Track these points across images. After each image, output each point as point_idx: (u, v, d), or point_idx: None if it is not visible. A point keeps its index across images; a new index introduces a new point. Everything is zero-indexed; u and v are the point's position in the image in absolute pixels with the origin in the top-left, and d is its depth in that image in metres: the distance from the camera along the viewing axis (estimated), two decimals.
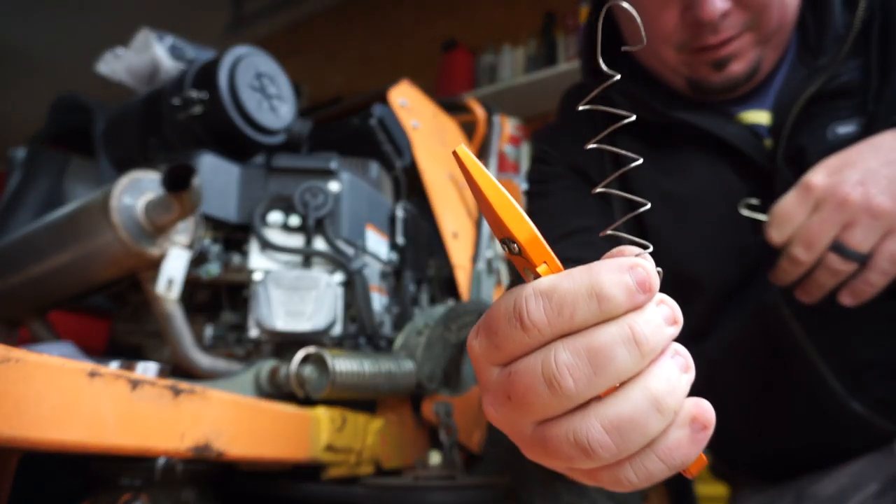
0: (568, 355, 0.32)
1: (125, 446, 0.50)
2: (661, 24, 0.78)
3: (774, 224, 0.66)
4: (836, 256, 0.62)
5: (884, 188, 0.60)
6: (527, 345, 0.33)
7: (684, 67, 0.82)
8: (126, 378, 0.51)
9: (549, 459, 0.36)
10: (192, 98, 0.97)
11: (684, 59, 0.81)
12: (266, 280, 0.93)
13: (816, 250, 0.63)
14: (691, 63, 0.81)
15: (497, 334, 0.34)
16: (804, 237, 0.63)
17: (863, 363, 0.80)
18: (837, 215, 0.61)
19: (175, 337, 0.83)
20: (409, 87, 1.41)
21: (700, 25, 0.75)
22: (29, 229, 0.90)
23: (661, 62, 0.84)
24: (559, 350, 0.32)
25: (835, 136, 0.76)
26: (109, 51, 1.14)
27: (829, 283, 0.64)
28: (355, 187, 1.04)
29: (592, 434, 0.32)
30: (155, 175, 0.82)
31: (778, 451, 0.94)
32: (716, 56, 0.78)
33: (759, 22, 0.77)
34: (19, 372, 0.42)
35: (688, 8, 0.75)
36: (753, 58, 0.80)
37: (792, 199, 0.65)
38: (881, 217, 0.60)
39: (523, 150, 3.05)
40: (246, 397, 0.68)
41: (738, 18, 0.77)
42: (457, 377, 1.05)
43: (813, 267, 0.65)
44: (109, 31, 2.85)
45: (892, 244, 0.60)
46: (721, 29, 0.76)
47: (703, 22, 0.74)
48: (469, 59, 3.31)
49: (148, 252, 0.79)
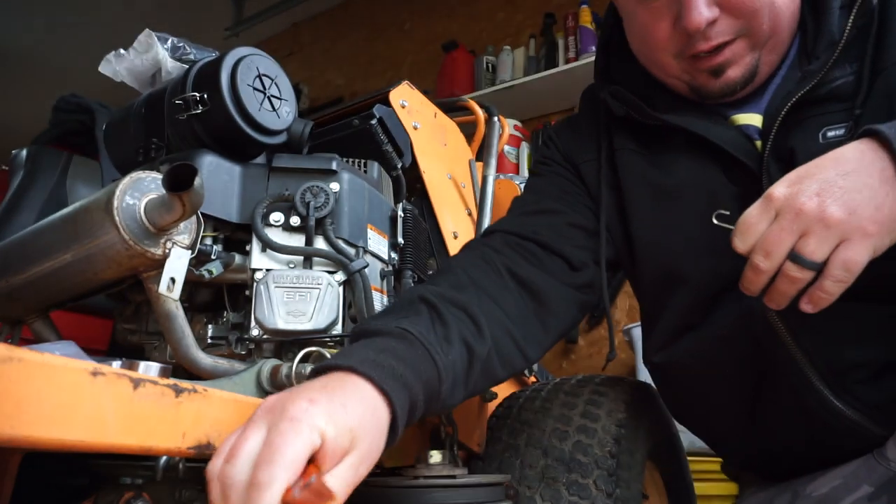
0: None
1: (127, 445, 0.51)
2: (657, 34, 0.82)
3: (738, 234, 0.69)
4: (794, 265, 0.64)
5: (838, 198, 0.62)
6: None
7: (685, 74, 0.86)
8: (128, 377, 0.51)
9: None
10: (193, 98, 0.97)
11: (683, 66, 0.84)
12: (267, 279, 0.93)
13: (775, 259, 0.65)
14: (690, 70, 0.84)
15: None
16: (764, 246, 0.66)
17: (847, 365, 0.81)
18: (794, 225, 0.63)
19: (176, 336, 0.83)
20: (410, 88, 1.41)
21: (690, 34, 0.79)
22: (31, 229, 0.90)
23: (662, 70, 0.88)
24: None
25: (826, 140, 0.79)
26: (111, 52, 1.14)
27: (790, 290, 0.66)
28: (356, 187, 1.05)
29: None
30: (157, 175, 0.83)
31: (771, 450, 0.96)
32: (712, 64, 0.82)
33: (750, 28, 0.80)
34: (21, 371, 0.43)
35: (678, 18, 0.79)
36: (750, 63, 0.83)
37: (755, 209, 0.67)
38: (834, 227, 0.62)
39: (523, 151, 3.06)
40: (247, 397, 0.68)
41: (729, 25, 0.79)
42: None
43: (775, 275, 0.67)
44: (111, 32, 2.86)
45: (844, 253, 0.62)
46: (711, 36, 0.79)
47: (691, 31, 0.78)
48: (469, 59, 3.31)
49: (150, 252, 0.79)
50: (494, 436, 1.01)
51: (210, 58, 1.07)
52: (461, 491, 0.76)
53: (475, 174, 1.57)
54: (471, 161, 1.60)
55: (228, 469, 0.50)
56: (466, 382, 0.75)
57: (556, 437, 0.95)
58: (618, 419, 0.96)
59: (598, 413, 0.97)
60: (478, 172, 1.56)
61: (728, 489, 1.92)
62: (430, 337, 0.70)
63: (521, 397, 1.06)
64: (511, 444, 0.98)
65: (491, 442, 1.00)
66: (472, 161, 1.60)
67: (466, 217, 1.49)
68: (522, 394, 1.08)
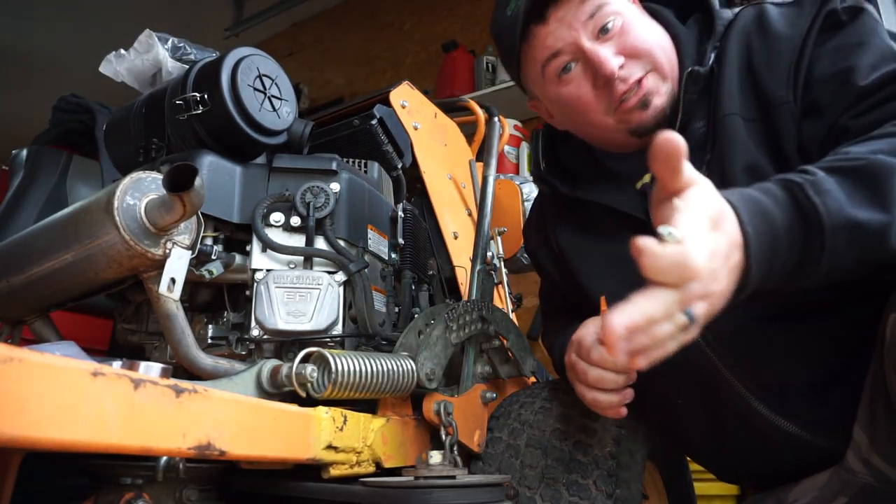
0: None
1: (127, 446, 0.51)
2: (584, 99, 0.95)
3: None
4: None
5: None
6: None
7: (621, 125, 0.96)
8: (129, 378, 0.51)
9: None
10: (193, 98, 0.97)
11: (617, 118, 0.95)
12: (267, 280, 0.93)
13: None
14: (623, 118, 0.95)
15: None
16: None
17: (779, 384, 0.89)
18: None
19: (176, 337, 0.83)
20: (410, 88, 1.41)
21: (609, 83, 0.91)
22: (32, 229, 0.90)
23: (602, 130, 0.99)
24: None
25: None
26: (112, 52, 1.14)
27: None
28: (356, 187, 1.05)
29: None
30: (157, 175, 0.83)
31: (739, 465, 1.05)
32: (638, 99, 0.92)
33: (654, 63, 0.93)
34: (22, 372, 0.43)
35: (595, 78, 0.92)
36: (667, 91, 0.94)
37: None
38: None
39: (523, 151, 3.06)
40: (247, 397, 0.68)
41: (636, 66, 0.92)
42: (457, 377, 1.06)
43: None
44: (111, 32, 2.86)
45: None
46: (626, 77, 0.91)
47: (608, 78, 0.91)
48: (469, 59, 3.30)
49: (150, 252, 0.79)
50: (494, 436, 1.01)
51: (210, 58, 1.07)
52: (461, 491, 0.76)
53: (475, 174, 1.57)
54: (471, 161, 1.60)
55: None
56: None
57: (556, 438, 0.95)
58: (618, 419, 0.96)
59: (597, 413, 0.98)
60: (478, 172, 1.56)
61: (728, 489, 1.92)
62: None
63: (521, 398, 1.06)
64: (511, 445, 0.98)
65: (491, 442, 1.00)
66: (472, 161, 1.60)
67: (466, 217, 1.49)
68: (522, 394, 1.08)
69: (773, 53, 0.88)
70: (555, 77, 0.96)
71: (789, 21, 0.90)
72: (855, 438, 0.82)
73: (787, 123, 0.85)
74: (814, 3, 0.89)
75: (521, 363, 1.11)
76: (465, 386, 1.03)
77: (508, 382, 1.18)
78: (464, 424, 0.95)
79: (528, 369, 1.12)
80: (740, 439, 0.96)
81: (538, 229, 1.20)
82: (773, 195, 0.67)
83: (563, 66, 0.94)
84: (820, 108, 0.83)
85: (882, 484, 0.80)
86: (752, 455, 0.98)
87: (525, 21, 0.93)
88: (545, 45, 0.94)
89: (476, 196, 1.53)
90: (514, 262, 1.56)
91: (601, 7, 0.91)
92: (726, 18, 0.96)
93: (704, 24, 0.99)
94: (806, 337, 0.87)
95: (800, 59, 0.86)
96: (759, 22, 0.93)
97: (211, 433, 0.59)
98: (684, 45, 0.97)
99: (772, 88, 0.87)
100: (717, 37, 0.95)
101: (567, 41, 0.92)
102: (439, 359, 0.93)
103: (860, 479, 0.82)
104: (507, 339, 1.09)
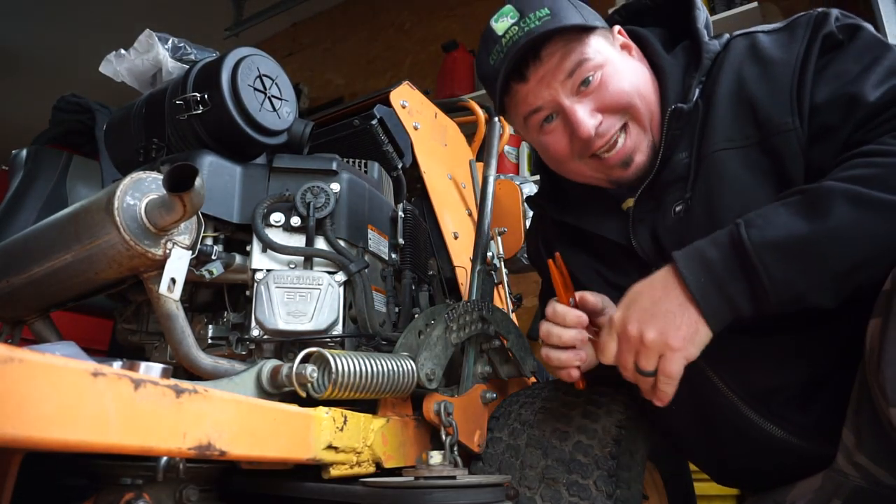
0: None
1: (128, 446, 0.51)
2: (559, 150, 0.98)
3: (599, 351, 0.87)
4: (639, 374, 0.82)
5: (651, 325, 0.80)
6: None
7: (599, 173, 0.99)
8: (129, 378, 0.51)
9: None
10: (193, 98, 0.97)
11: (593, 166, 0.98)
12: (267, 280, 0.93)
13: (629, 373, 0.84)
14: (602, 169, 0.98)
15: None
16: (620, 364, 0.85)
17: (766, 390, 0.92)
18: (628, 348, 0.82)
19: (177, 337, 0.83)
20: (411, 88, 1.41)
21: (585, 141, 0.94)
22: (32, 229, 0.90)
23: (580, 175, 1.02)
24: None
25: (675, 214, 0.94)
26: (112, 52, 1.14)
27: (647, 387, 0.83)
28: (356, 188, 1.05)
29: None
30: (157, 175, 0.83)
31: (732, 469, 1.07)
32: (620, 158, 0.95)
33: (632, 115, 0.95)
34: (22, 372, 0.43)
35: (572, 133, 0.95)
36: (648, 146, 0.96)
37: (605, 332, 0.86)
38: (651, 347, 0.79)
39: (523, 151, 3.06)
40: (247, 397, 0.68)
41: (613, 120, 0.94)
42: (457, 377, 1.06)
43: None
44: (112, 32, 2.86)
45: (664, 365, 0.79)
46: (602, 133, 0.94)
47: (585, 140, 0.94)
48: (469, 59, 3.30)
49: (150, 252, 0.79)
50: (495, 436, 1.01)
51: (210, 58, 1.07)
52: (461, 491, 0.76)
53: (475, 174, 1.57)
54: (471, 161, 1.60)
55: None
56: None
57: (556, 438, 0.95)
58: (618, 419, 0.96)
59: (598, 413, 0.97)
60: (478, 172, 1.56)
61: (728, 489, 1.92)
62: None
63: (522, 398, 1.06)
64: (511, 445, 0.98)
65: (491, 442, 1.00)
66: (472, 161, 1.60)
67: (467, 217, 1.49)
68: (522, 394, 1.08)
69: (769, 80, 0.88)
70: (537, 127, 0.99)
71: (782, 46, 0.90)
72: (843, 440, 0.83)
73: (792, 149, 0.84)
74: (807, 26, 0.88)
75: (521, 363, 1.11)
76: (465, 386, 1.03)
77: (508, 383, 1.18)
78: (464, 425, 0.95)
79: (528, 369, 1.12)
80: (733, 444, 0.97)
81: (536, 240, 1.23)
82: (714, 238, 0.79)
83: (544, 118, 0.98)
84: (830, 130, 0.83)
85: (873, 485, 0.81)
86: (745, 459, 0.99)
87: (505, 81, 0.95)
88: (526, 102, 0.97)
89: (476, 196, 1.53)
90: (514, 262, 1.56)
91: (581, 64, 0.92)
92: (713, 51, 0.96)
93: (692, 56, 0.99)
94: (789, 346, 0.89)
95: (801, 85, 0.85)
96: (751, 51, 0.92)
97: (211, 433, 0.59)
98: (669, 77, 0.98)
99: (774, 114, 0.86)
100: (704, 71, 0.95)
101: (547, 99, 0.95)
102: (439, 359, 0.93)
103: (852, 482, 0.83)
104: (507, 340, 1.09)
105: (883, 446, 0.76)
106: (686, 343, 0.78)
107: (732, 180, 0.88)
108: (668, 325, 0.79)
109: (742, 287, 0.76)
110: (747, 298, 0.76)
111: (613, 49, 0.97)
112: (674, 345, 0.78)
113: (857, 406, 0.80)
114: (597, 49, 0.94)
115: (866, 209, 0.72)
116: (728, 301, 0.77)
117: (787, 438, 0.91)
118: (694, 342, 0.78)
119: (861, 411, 0.79)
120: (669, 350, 0.78)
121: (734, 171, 0.88)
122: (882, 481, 0.79)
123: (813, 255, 0.74)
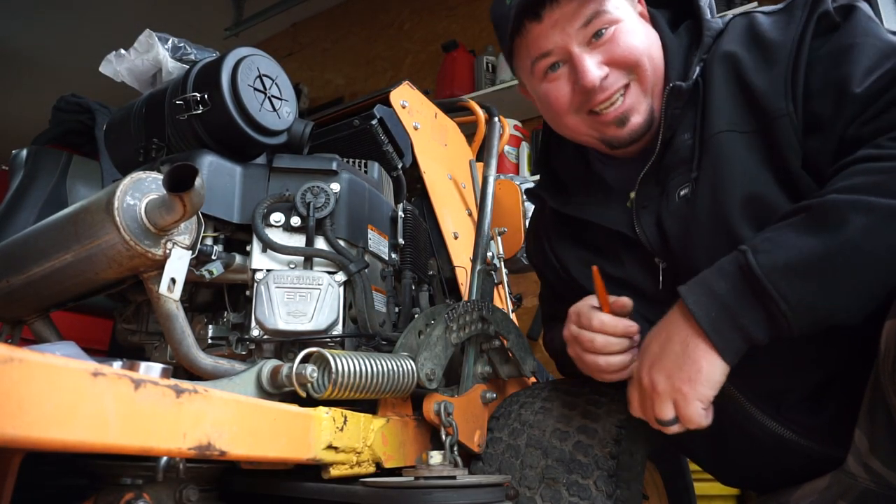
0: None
1: (128, 446, 0.51)
2: (559, 98, 0.97)
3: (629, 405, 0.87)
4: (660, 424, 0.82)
5: (659, 370, 0.80)
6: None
7: (593, 131, 0.98)
8: (129, 378, 0.51)
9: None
10: (193, 98, 0.97)
11: (589, 122, 0.97)
12: (267, 280, 0.93)
13: (654, 423, 0.83)
14: (597, 126, 0.97)
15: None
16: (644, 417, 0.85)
17: (775, 391, 0.91)
18: (645, 398, 0.83)
19: (177, 337, 0.83)
20: (411, 88, 1.41)
21: (587, 92, 0.93)
22: (32, 229, 0.90)
23: (574, 131, 1.01)
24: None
25: (679, 198, 0.93)
26: (112, 52, 1.14)
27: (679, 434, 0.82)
28: (356, 188, 1.05)
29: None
30: (157, 175, 0.83)
31: (738, 469, 1.07)
32: (616, 114, 0.94)
33: (638, 75, 0.94)
34: (22, 372, 0.43)
35: (576, 81, 0.94)
36: (646, 109, 0.95)
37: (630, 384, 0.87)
38: (663, 394, 0.79)
39: (523, 151, 3.06)
40: (247, 397, 0.68)
41: (619, 76, 0.93)
42: (457, 377, 1.05)
43: None
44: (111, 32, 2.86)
45: (681, 412, 0.79)
46: (606, 87, 0.93)
47: (588, 89, 0.92)
48: (469, 59, 3.30)
49: (150, 252, 0.79)
50: (495, 436, 1.00)
51: (210, 58, 1.07)
52: (461, 491, 0.76)
53: (475, 174, 1.57)
54: (471, 161, 1.60)
55: None
56: None
57: (556, 438, 0.95)
58: (618, 419, 0.96)
59: (598, 413, 0.97)
60: (478, 172, 1.56)
61: (728, 489, 1.92)
62: None
63: (522, 398, 1.06)
64: (511, 445, 0.98)
65: (491, 442, 1.00)
66: (472, 161, 1.60)
67: (467, 217, 1.49)
68: (522, 394, 1.08)
69: (767, 63, 0.88)
70: (542, 74, 0.98)
71: (780, 28, 0.89)
72: (855, 442, 0.82)
73: (788, 136, 0.84)
74: (804, 7, 0.88)
75: (521, 363, 1.11)
76: (465, 386, 1.03)
77: (508, 382, 1.18)
78: (464, 425, 0.95)
79: (528, 369, 1.12)
80: (740, 445, 0.97)
81: (536, 240, 1.23)
82: (720, 268, 0.78)
83: (550, 65, 0.96)
84: (822, 121, 0.83)
85: (883, 488, 0.80)
86: (753, 460, 0.99)
87: (519, 16, 0.94)
88: (537, 45, 0.96)
89: (476, 196, 1.53)
90: (514, 262, 1.56)
91: (598, 15, 0.91)
92: (715, 29, 0.96)
93: (694, 34, 0.99)
94: (801, 348, 0.87)
95: (796, 68, 0.85)
96: (749, 31, 0.92)
97: (211, 433, 0.59)
98: (672, 55, 0.97)
99: (769, 99, 0.86)
100: (705, 49, 0.94)
101: (558, 45, 0.94)
102: (439, 359, 0.93)
103: (861, 484, 0.82)
104: (507, 340, 1.09)
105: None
106: (694, 385, 0.77)
107: (738, 162, 0.87)
108: (675, 368, 0.78)
109: (757, 316, 0.74)
110: (762, 327, 0.75)
111: (632, 9, 0.97)
112: (682, 389, 0.77)
113: (870, 409, 0.79)
114: (616, 5, 0.93)
115: (876, 218, 0.71)
116: (742, 332, 0.75)
117: (796, 439, 0.90)
118: (703, 381, 0.77)
119: (874, 414, 0.78)
120: (679, 395, 0.77)
121: (740, 153, 0.87)
122: (894, 485, 0.79)
123: (830, 273, 0.72)
